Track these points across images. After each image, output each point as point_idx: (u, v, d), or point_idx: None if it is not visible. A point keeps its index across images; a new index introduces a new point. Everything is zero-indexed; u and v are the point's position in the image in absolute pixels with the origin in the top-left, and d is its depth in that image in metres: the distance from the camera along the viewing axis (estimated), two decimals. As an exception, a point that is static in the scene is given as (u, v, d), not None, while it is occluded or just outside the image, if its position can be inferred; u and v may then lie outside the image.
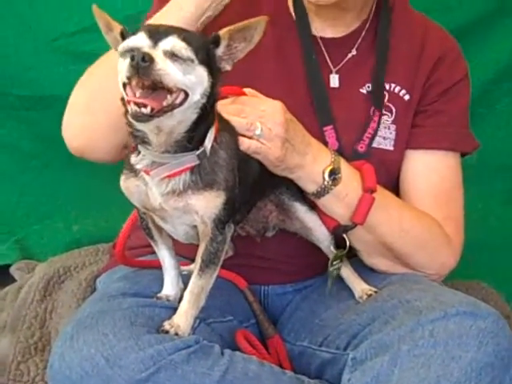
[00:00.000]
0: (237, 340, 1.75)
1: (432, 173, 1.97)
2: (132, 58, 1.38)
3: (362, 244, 1.86)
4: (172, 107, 1.44)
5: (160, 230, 1.70)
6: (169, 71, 1.40)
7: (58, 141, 3.03)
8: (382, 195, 1.83)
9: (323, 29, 1.95)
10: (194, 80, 1.45)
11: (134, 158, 1.57)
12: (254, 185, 1.70)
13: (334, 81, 1.94)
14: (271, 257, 1.94)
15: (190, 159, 1.53)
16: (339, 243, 1.84)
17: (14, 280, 2.68)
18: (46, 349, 2.10)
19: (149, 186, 1.56)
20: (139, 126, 1.47)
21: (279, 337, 1.88)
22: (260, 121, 1.65)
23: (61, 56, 2.90)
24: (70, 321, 1.60)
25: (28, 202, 3.07)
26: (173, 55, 1.42)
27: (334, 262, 1.81)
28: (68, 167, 3.06)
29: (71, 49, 2.89)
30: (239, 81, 1.68)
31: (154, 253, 1.77)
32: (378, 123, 1.92)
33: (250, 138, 1.64)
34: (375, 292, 1.79)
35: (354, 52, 1.96)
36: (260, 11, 1.87)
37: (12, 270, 2.77)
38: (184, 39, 1.44)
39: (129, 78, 1.40)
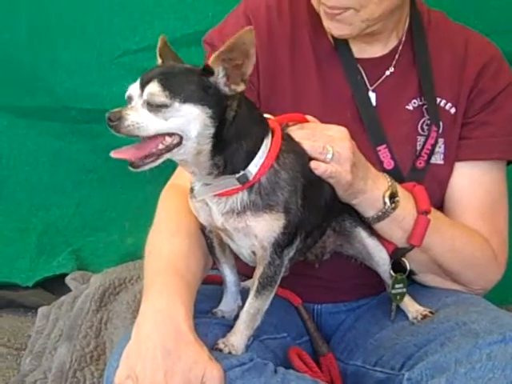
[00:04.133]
0: (290, 357, 1.75)
1: (477, 186, 1.96)
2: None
3: (415, 264, 1.86)
4: (168, 149, 1.49)
5: (224, 248, 1.73)
6: (140, 124, 1.46)
7: (114, 155, 3.12)
8: (435, 216, 1.83)
9: (361, 50, 1.95)
10: (181, 121, 1.48)
11: (192, 180, 1.63)
12: (326, 208, 1.71)
13: (372, 100, 1.94)
14: (325, 276, 1.94)
15: (231, 182, 1.55)
16: (393, 266, 1.83)
17: (69, 290, 2.72)
18: (101, 358, 2.13)
19: (209, 206, 1.60)
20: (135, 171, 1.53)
21: (332, 355, 1.88)
22: (330, 145, 1.66)
23: (123, 72, 3.01)
24: (126, 335, 1.61)
25: (84, 214, 3.14)
26: (150, 103, 1.47)
27: (397, 286, 1.81)
28: (123, 180, 3.12)
29: (134, 65, 2.98)
30: (288, 105, 1.69)
31: (215, 268, 1.79)
32: (436, 139, 1.91)
33: (322, 161, 1.65)
34: (430, 313, 1.78)
35: (391, 69, 1.95)
36: (302, 36, 1.92)
37: (67, 279, 2.83)
38: (162, 83, 1.47)
39: None
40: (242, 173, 1.55)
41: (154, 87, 1.47)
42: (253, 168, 1.56)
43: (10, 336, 2.61)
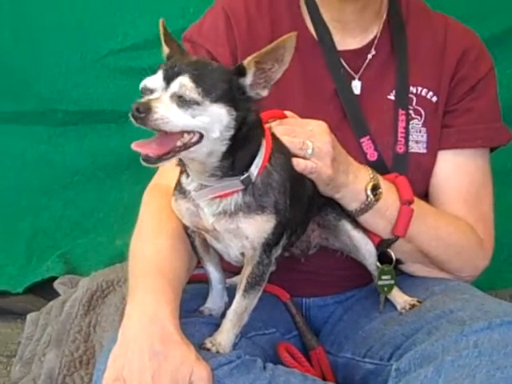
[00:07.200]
0: (279, 352, 1.74)
1: (461, 174, 1.95)
2: (130, 109, 1.38)
3: (401, 254, 1.85)
4: (186, 146, 1.44)
5: (207, 247, 1.71)
6: (170, 118, 1.39)
7: (100, 155, 3.12)
8: (419, 205, 1.83)
9: (343, 42, 1.94)
10: (208, 120, 1.43)
11: (184, 180, 1.59)
12: (309, 204, 1.70)
13: (356, 88, 1.93)
14: (312, 270, 1.93)
15: (234, 184, 1.53)
16: (380, 257, 1.82)
17: (57, 294, 2.71)
18: (91, 362, 2.12)
19: (200, 207, 1.58)
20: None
21: (322, 348, 1.87)
22: (310, 140, 1.65)
23: (109, 72, 3.01)
24: (113, 338, 1.60)
25: (71, 216, 3.13)
26: (180, 98, 1.41)
27: (383, 277, 1.80)
28: (109, 181, 3.11)
29: (119, 65, 2.99)
30: (269, 103, 1.69)
31: (200, 267, 1.78)
32: (407, 122, 1.91)
33: (302, 157, 1.64)
34: (418, 302, 1.77)
35: (373, 52, 1.95)
36: (282, 29, 1.88)
37: (56, 284, 2.82)
38: (195, 79, 1.42)
39: None
40: (246, 174, 1.53)
41: (187, 81, 1.41)
42: (254, 169, 1.54)
43: (-1, 344, 2.61)
